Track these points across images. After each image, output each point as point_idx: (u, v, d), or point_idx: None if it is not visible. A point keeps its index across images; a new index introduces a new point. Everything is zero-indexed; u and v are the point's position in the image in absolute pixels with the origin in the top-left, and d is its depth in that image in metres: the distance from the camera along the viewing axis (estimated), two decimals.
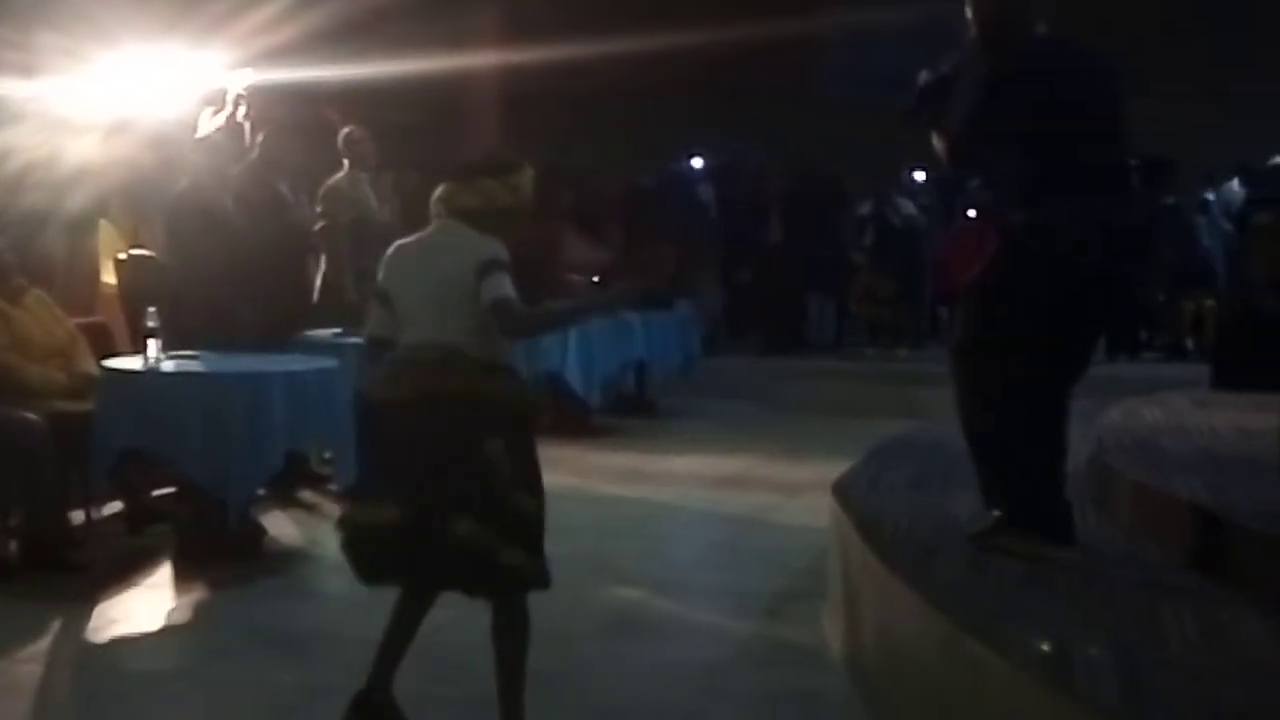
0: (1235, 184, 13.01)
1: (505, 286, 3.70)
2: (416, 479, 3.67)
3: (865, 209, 13.23)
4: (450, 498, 3.63)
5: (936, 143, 4.46)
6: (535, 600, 4.70)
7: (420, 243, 3.91)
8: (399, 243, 3.99)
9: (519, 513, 3.74)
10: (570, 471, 7.46)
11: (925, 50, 5.17)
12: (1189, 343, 12.79)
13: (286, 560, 6.11)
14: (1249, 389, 6.74)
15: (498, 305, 3.68)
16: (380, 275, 3.95)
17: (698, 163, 14.37)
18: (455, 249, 3.78)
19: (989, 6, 4.34)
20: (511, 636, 3.85)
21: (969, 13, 4.38)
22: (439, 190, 3.90)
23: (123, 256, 7.45)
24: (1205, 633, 3.51)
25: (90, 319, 7.05)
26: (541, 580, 3.85)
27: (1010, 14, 4.34)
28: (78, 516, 6.14)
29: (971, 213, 4.45)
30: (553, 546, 5.42)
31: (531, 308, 3.82)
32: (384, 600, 5.43)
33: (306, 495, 7.28)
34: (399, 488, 3.70)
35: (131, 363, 6.10)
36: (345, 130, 8.42)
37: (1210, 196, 13.57)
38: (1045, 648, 3.38)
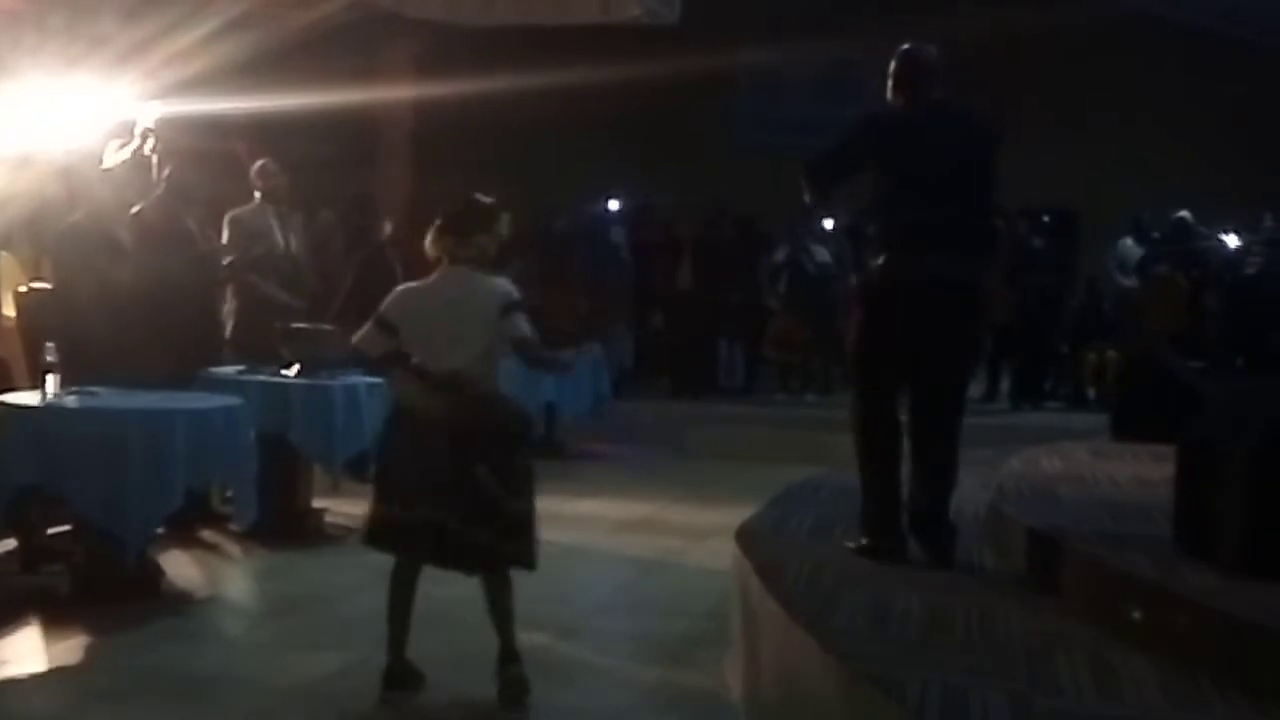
0: (1130, 240, 13.32)
1: (526, 326, 4.62)
2: (429, 490, 4.50)
3: (781, 255, 13.30)
4: (457, 513, 4.50)
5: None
6: (435, 647, 4.69)
7: (434, 286, 4.68)
8: (409, 286, 4.78)
9: (512, 517, 4.59)
10: None
11: (838, 98, 5.47)
12: (1091, 393, 13.00)
13: (185, 601, 6.00)
14: (1147, 440, 6.85)
15: (524, 343, 4.60)
16: (387, 309, 4.68)
17: (613, 205, 14.42)
18: (472, 293, 4.61)
19: (905, 63, 5.07)
20: (500, 592, 4.72)
21: (892, 66, 5.09)
22: (438, 242, 4.67)
23: (23, 289, 7.33)
24: (1099, 681, 3.56)
25: None
26: (531, 563, 4.70)
27: (918, 74, 5.06)
28: None
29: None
30: (456, 590, 5.42)
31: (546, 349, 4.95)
32: (282, 644, 5.40)
33: (207, 535, 7.18)
34: (415, 492, 4.53)
35: (29, 398, 6.00)
36: (258, 163, 8.36)
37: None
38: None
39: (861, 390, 5.09)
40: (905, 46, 5.12)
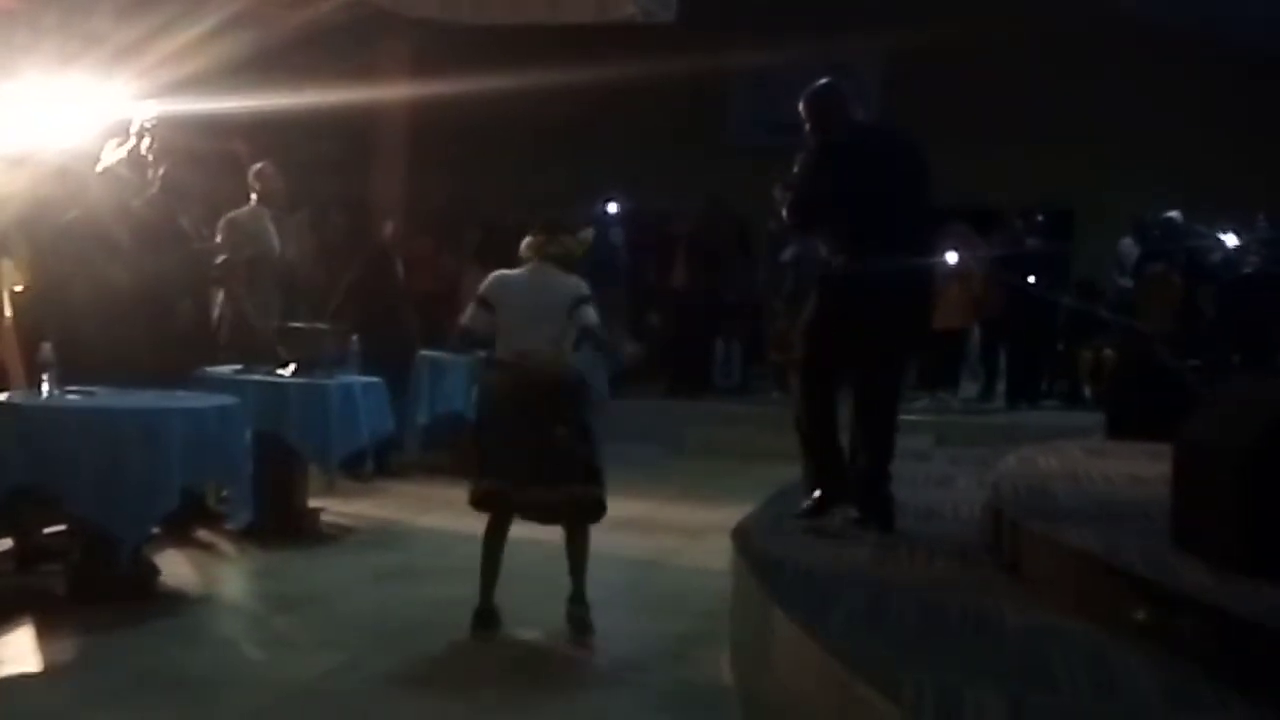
0: (1129, 239, 13.30)
1: (594, 316, 5.52)
2: (520, 451, 5.29)
3: (788, 255, 13.19)
4: (545, 465, 5.30)
5: (778, 196, 5.81)
6: (433, 647, 4.69)
7: (523, 276, 5.60)
8: (504, 272, 5.64)
9: (590, 467, 5.41)
10: (471, 512, 7.41)
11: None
12: (1087, 391, 13.01)
13: (180, 601, 6.00)
14: (1143, 438, 6.86)
15: (589, 330, 5.49)
16: (486, 290, 5.56)
17: (612, 207, 14.40)
18: (552, 285, 5.54)
19: (814, 102, 5.70)
20: (579, 542, 5.54)
21: (801, 107, 5.70)
22: (531, 240, 5.64)
23: (20, 289, 7.31)
24: (1095, 680, 3.56)
25: None
26: (601, 511, 5.46)
27: (830, 106, 5.70)
28: None
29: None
30: (454, 590, 5.42)
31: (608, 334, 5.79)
32: (279, 644, 5.41)
33: (203, 534, 7.18)
34: (507, 457, 5.33)
35: (25, 397, 6.00)
36: (256, 166, 8.38)
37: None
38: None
39: (808, 372, 5.74)
40: (815, 86, 5.75)
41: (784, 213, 5.84)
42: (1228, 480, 4.12)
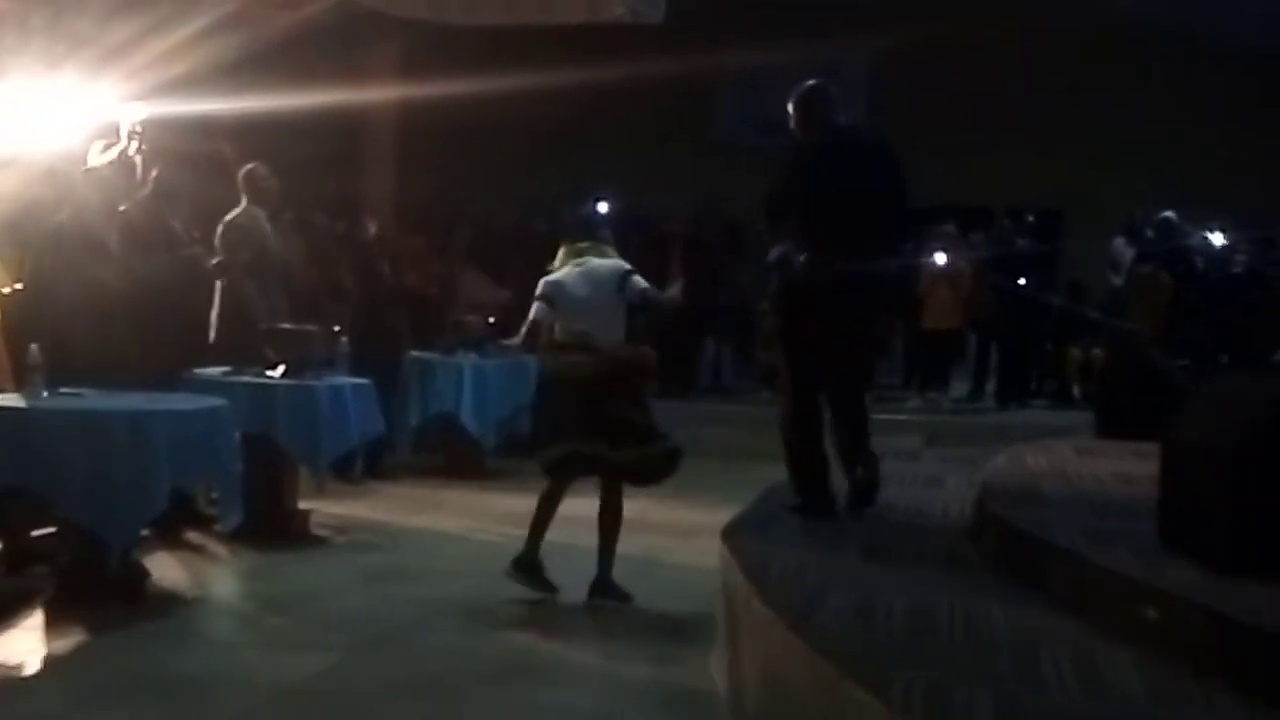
0: (1122, 239, 13.32)
1: (642, 282, 6.18)
2: (589, 424, 5.90)
3: (773, 255, 13.16)
4: (611, 435, 5.93)
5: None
6: (424, 648, 4.68)
7: (576, 272, 6.18)
8: (555, 276, 6.17)
9: (649, 434, 6.06)
10: (462, 513, 7.44)
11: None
12: (1076, 391, 13.03)
13: (170, 603, 6.00)
14: (1132, 437, 6.87)
15: (646, 293, 6.22)
16: (545, 289, 6.13)
17: (603, 207, 14.39)
18: (601, 271, 6.17)
19: (799, 102, 5.89)
20: (613, 515, 6.19)
21: (790, 108, 5.90)
22: (570, 247, 6.28)
23: (7, 291, 7.30)
24: (1083, 679, 3.57)
25: None
26: (676, 457, 6.17)
27: (814, 107, 5.89)
28: None
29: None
30: (445, 591, 5.41)
31: (661, 293, 6.47)
32: (269, 645, 5.41)
33: (192, 536, 7.17)
34: (575, 429, 5.90)
35: (13, 399, 5.98)
36: (248, 167, 8.35)
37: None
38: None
39: (791, 375, 5.85)
40: (804, 86, 5.93)
41: (766, 210, 6.02)
42: (1215, 479, 4.12)
